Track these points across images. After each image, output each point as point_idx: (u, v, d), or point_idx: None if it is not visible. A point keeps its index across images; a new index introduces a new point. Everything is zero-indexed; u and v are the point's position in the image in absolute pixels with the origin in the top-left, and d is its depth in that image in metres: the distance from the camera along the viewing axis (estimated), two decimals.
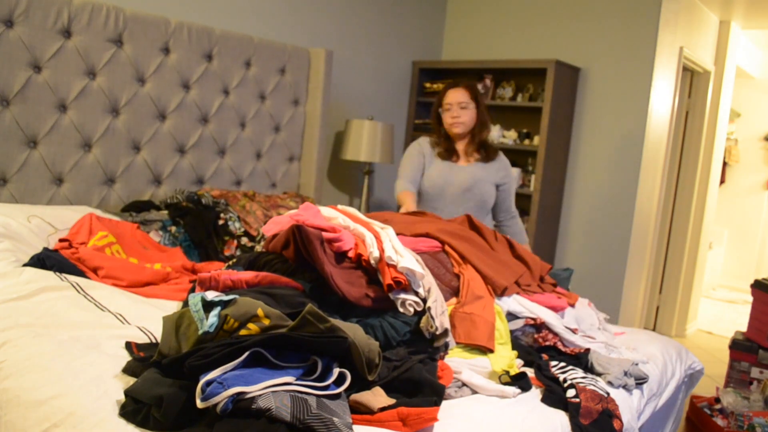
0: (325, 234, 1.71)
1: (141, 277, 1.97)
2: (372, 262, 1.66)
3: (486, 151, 2.86)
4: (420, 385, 1.35)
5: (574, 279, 3.90)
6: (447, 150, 2.87)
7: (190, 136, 2.88)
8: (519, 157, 4.11)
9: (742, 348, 3.36)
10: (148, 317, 1.66)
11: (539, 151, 3.71)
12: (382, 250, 1.68)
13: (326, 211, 1.94)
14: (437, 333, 1.56)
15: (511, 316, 1.95)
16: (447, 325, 1.60)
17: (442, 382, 1.42)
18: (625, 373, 1.75)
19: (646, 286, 4.13)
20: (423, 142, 2.92)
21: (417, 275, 1.64)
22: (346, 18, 3.74)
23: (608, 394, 1.60)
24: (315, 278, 1.64)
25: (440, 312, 1.60)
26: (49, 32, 2.35)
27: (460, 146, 2.88)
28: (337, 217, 1.88)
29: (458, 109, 2.79)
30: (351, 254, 1.72)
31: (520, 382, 1.57)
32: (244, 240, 2.51)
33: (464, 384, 1.52)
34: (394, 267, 1.63)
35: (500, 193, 2.88)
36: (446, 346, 1.58)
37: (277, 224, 1.89)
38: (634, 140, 3.72)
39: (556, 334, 1.89)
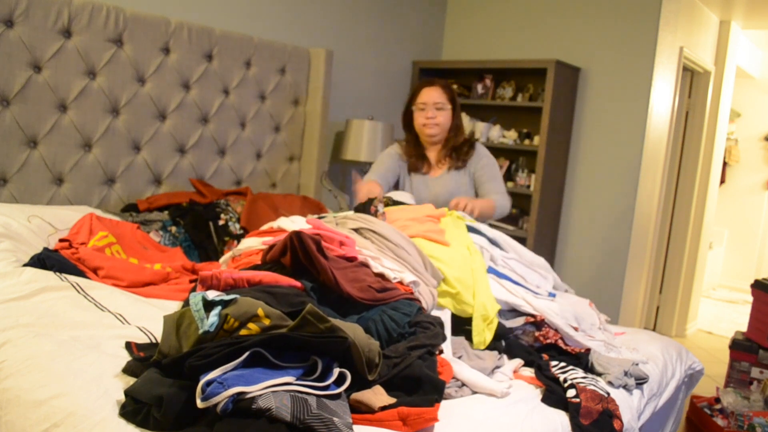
0: (330, 241, 1.74)
1: (141, 278, 1.97)
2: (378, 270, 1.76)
3: (458, 156, 2.66)
4: (420, 382, 1.35)
5: (574, 279, 3.91)
6: (417, 159, 2.71)
7: (190, 136, 2.88)
8: (519, 157, 4.11)
9: (742, 348, 3.36)
10: (148, 317, 1.66)
11: (539, 151, 3.71)
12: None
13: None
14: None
15: (512, 314, 1.95)
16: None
17: (442, 377, 1.42)
18: (626, 373, 1.75)
19: (646, 286, 4.13)
20: (395, 148, 2.81)
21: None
22: (346, 18, 3.74)
23: (608, 394, 1.60)
24: (315, 278, 1.64)
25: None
26: (49, 32, 2.35)
27: (432, 153, 2.73)
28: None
29: (433, 109, 2.62)
30: (352, 254, 1.74)
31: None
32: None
33: (458, 379, 1.54)
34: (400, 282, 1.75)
35: (476, 183, 2.70)
36: (444, 337, 1.59)
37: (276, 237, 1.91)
38: (634, 140, 3.72)
39: (557, 331, 1.89)
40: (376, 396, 1.29)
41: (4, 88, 2.27)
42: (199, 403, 1.10)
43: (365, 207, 2.18)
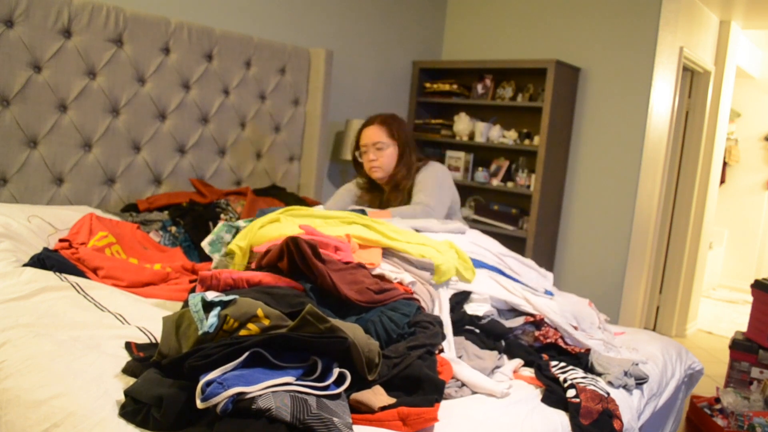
0: (326, 246, 1.74)
1: (141, 278, 1.97)
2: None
3: (401, 191, 2.47)
4: (420, 382, 1.35)
5: (574, 279, 3.91)
6: (372, 198, 2.58)
7: (190, 136, 2.88)
8: (519, 157, 4.11)
9: (742, 348, 3.36)
10: (148, 317, 1.66)
11: (539, 151, 3.71)
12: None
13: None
14: None
15: (511, 314, 1.95)
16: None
17: (442, 377, 1.42)
18: (625, 373, 1.75)
19: (646, 286, 4.13)
20: (353, 185, 2.67)
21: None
22: (346, 18, 3.74)
23: (608, 394, 1.60)
24: (313, 283, 1.64)
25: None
26: (49, 32, 2.35)
27: (387, 189, 2.56)
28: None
29: (374, 150, 2.46)
30: (347, 260, 1.75)
31: None
32: None
33: (458, 379, 1.54)
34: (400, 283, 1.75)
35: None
36: (443, 337, 1.59)
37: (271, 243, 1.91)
38: (634, 140, 3.72)
39: (557, 330, 1.89)
40: (376, 396, 1.29)
41: (4, 88, 2.27)
42: (199, 404, 1.10)
43: None
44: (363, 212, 2.18)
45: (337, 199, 2.64)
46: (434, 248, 1.92)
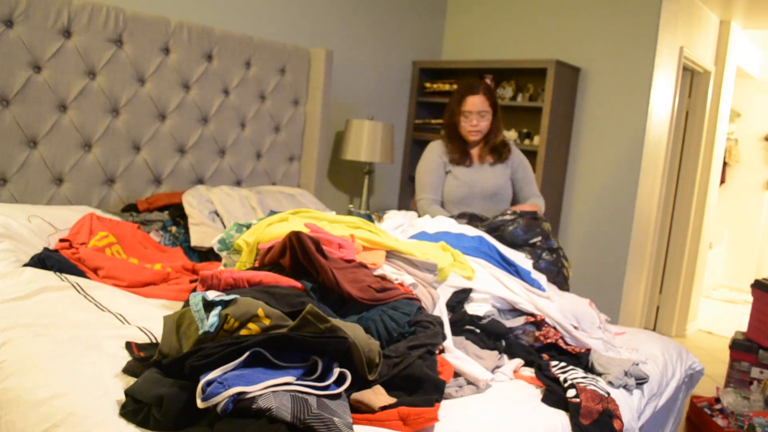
0: (329, 244, 1.74)
1: (141, 278, 1.97)
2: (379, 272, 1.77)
3: (499, 152, 2.86)
4: (421, 382, 1.35)
5: (574, 279, 3.91)
6: (461, 155, 2.85)
7: (190, 136, 2.88)
8: None
9: (742, 348, 3.36)
10: (148, 317, 1.66)
11: (539, 151, 3.71)
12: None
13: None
14: None
15: (512, 314, 1.95)
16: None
17: (442, 377, 1.42)
18: (626, 373, 1.75)
19: (646, 286, 4.13)
20: (438, 149, 2.90)
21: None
22: (346, 18, 3.74)
23: (609, 394, 1.60)
24: (315, 279, 1.64)
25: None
26: (49, 32, 2.35)
27: (475, 150, 2.90)
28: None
29: (478, 117, 2.77)
30: (350, 257, 1.75)
31: None
32: None
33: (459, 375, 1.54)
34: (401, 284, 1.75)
35: (515, 182, 2.92)
36: (444, 337, 1.59)
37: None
38: (634, 140, 3.72)
39: (557, 330, 1.89)
40: (377, 396, 1.29)
41: (4, 88, 2.27)
42: (200, 403, 1.10)
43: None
44: (369, 218, 2.24)
45: (433, 174, 2.86)
46: (434, 256, 1.94)
